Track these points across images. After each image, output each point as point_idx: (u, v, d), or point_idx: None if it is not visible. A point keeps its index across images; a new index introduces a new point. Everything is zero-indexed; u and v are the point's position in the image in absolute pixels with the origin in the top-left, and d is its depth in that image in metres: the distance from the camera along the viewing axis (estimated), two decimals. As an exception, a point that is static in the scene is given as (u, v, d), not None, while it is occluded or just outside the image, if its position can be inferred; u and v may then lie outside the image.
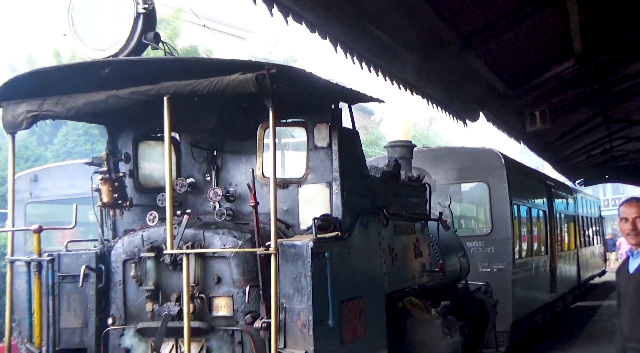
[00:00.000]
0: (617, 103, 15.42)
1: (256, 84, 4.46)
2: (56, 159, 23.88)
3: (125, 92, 4.81)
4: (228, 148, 5.95)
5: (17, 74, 5.30)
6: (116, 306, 5.41)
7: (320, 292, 4.70)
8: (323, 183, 5.41)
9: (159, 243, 5.17)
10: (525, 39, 9.67)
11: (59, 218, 11.98)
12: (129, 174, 5.94)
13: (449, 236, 8.78)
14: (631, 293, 4.60)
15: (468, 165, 11.61)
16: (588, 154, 21.85)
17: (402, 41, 7.90)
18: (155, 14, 5.15)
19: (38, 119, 5.23)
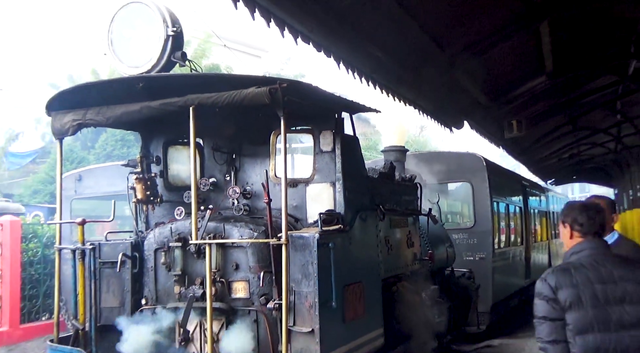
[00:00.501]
0: (583, 113, 15.40)
1: (269, 96, 4.48)
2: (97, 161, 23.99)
3: (156, 103, 4.83)
4: (245, 152, 5.97)
5: (63, 88, 5.32)
6: (148, 289, 5.45)
7: (325, 277, 4.71)
8: (327, 182, 5.41)
9: (185, 234, 5.19)
10: (504, 57, 9.66)
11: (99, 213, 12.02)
12: (160, 174, 5.97)
13: (437, 229, 8.78)
14: None
15: (454, 167, 11.60)
16: (558, 157, 21.82)
17: (397, 59, 7.89)
18: (182, 36, 5.17)
19: (82, 127, 5.27)
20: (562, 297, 3.12)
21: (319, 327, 4.62)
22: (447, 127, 11.72)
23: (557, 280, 3.17)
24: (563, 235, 3.51)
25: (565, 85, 12.55)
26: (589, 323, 3.05)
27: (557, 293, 3.13)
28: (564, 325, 3.12)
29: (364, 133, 34.34)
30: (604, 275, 3.13)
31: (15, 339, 12.79)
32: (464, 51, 8.76)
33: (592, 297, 3.08)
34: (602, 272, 3.14)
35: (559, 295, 3.13)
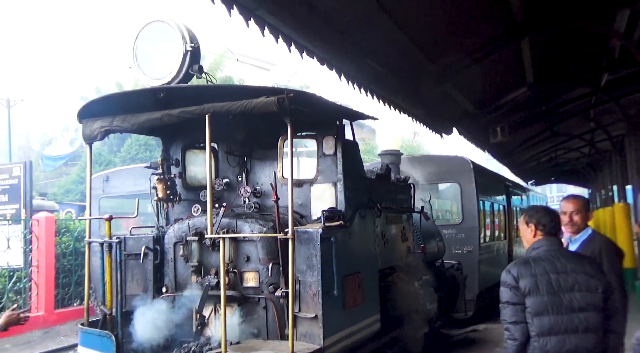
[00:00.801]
0: (561, 121, 15.37)
1: (277, 105, 4.48)
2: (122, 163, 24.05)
3: (176, 111, 4.84)
4: (255, 155, 5.97)
5: (93, 98, 5.33)
6: (168, 278, 5.46)
7: (327, 268, 4.71)
8: (330, 183, 5.41)
9: (202, 229, 5.19)
10: (489, 70, 9.64)
11: (125, 210, 12.02)
12: (179, 175, 5.98)
13: (429, 225, 8.76)
14: None
15: (444, 169, 11.59)
16: (538, 160, 21.79)
17: (393, 72, 7.90)
18: (199, 51, 5.18)
19: (109, 133, 5.28)
20: (522, 285, 3.30)
21: (322, 313, 4.62)
22: (438, 133, 11.72)
23: (519, 271, 3.35)
24: (526, 233, 3.65)
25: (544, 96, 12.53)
26: (545, 307, 3.25)
27: (519, 282, 3.31)
28: (524, 308, 3.30)
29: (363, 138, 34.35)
30: (558, 267, 3.33)
31: (50, 323, 12.82)
32: (453, 64, 8.75)
33: (547, 285, 3.28)
34: (556, 265, 3.34)
35: (520, 284, 3.30)
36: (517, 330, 3.32)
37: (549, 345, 3.23)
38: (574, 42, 9.88)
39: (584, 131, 17.02)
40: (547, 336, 3.24)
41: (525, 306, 3.30)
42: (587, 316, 3.26)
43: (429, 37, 7.82)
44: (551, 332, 3.24)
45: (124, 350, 5.03)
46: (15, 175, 13.43)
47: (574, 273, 3.33)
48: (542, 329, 3.25)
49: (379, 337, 5.76)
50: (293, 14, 5.54)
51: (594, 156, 20.66)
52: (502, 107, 11.97)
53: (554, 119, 15.03)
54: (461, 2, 7.29)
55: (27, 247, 12.88)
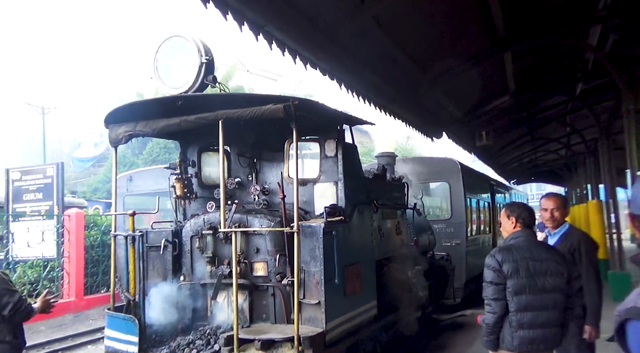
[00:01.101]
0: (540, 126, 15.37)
1: (284, 111, 4.46)
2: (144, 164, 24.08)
3: (192, 117, 4.82)
4: (264, 157, 5.96)
5: (118, 106, 5.32)
6: (186, 267, 5.44)
7: (329, 259, 4.69)
8: (331, 182, 5.39)
9: (216, 224, 5.18)
10: (475, 80, 9.63)
11: (146, 206, 12.04)
12: (195, 175, 5.97)
13: (421, 220, 8.74)
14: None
15: (435, 169, 11.56)
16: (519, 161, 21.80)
17: (388, 82, 7.89)
18: (213, 63, 5.17)
19: (132, 137, 5.26)
20: (505, 268, 3.59)
21: (324, 299, 4.60)
22: (429, 136, 11.71)
23: (503, 256, 3.63)
24: (507, 224, 3.89)
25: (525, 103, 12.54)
26: (523, 288, 3.56)
27: (502, 266, 3.60)
28: (504, 288, 3.59)
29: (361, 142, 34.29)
30: (535, 255, 3.64)
31: (80, 308, 12.86)
32: (443, 75, 8.75)
33: (526, 269, 3.58)
34: (533, 253, 3.65)
35: (503, 267, 3.60)
36: (497, 306, 3.62)
37: (525, 318, 3.55)
38: (552, 55, 9.89)
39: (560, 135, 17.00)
40: (523, 311, 3.55)
41: (506, 286, 3.58)
42: (555, 296, 3.59)
43: (421, 50, 7.81)
44: (527, 308, 3.55)
45: (145, 332, 5.03)
46: (49, 175, 13.47)
47: (547, 261, 3.63)
48: (519, 306, 3.55)
49: (376, 321, 5.74)
50: (298, 29, 5.53)
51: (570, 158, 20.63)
52: (487, 113, 11.97)
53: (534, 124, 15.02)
54: (450, 18, 7.28)
55: (59, 239, 12.91)
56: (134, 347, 4.83)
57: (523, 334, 3.55)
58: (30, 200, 13.43)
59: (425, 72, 8.51)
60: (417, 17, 6.88)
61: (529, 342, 3.55)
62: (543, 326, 3.55)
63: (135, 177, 12.40)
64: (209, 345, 4.71)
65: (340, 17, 5.89)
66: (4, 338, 3.99)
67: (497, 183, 17.65)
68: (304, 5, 5.44)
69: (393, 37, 6.95)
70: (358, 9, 5.88)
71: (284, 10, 5.23)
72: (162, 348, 4.87)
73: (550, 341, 3.61)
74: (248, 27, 5.01)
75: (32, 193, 13.46)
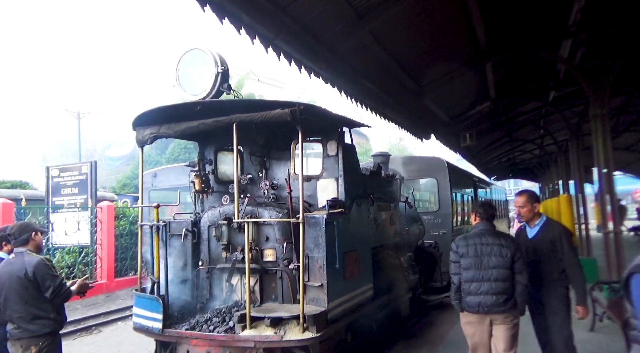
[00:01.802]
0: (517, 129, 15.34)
1: (290, 115, 4.42)
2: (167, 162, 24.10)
3: (209, 121, 4.79)
4: (273, 156, 5.92)
5: (144, 110, 5.28)
6: (204, 254, 5.41)
7: (330, 246, 4.66)
8: (332, 178, 5.36)
9: (230, 215, 5.15)
10: (460, 88, 9.60)
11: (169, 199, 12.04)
12: (212, 172, 5.93)
13: (412, 212, 8.71)
14: (531, 252, 4.54)
15: (424, 167, 11.52)
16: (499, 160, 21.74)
17: (383, 89, 7.86)
18: (228, 72, 5.12)
19: (157, 138, 5.21)
20: (460, 251, 4.30)
21: (326, 282, 4.58)
22: (419, 138, 11.69)
23: (459, 242, 4.36)
24: (472, 219, 4.55)
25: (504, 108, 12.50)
26: (471, 264, 4.22)
27: (458, 249, 4.32)
28: (460, 265, 4.29)
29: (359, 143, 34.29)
30: (483, 240, 4.25)
31: (111, 289, 12.89)
32: (431, 83, 8.73)
33: (474, 251, 4.23)
34: (482, 239, 4.27)
35: (459, 250, 4.31)
36: (455, 278, 4.33)
37: (471, 287, 4.21)
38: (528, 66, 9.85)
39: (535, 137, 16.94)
40: (470, 282, 4.22)
41: (460, 264, 4.27)
42: (497, 271, 4.11)
43: (412, 61, 7.78)
44: (473, 279, 4.21)
45: (169, 310, 5.01)
46: (83, 172, 13.47)
47: (492, 245, 4.20)
48: (467, 278, 4.23)
49: (372, 302, 5.72)
50: (303, 43, 5.51)
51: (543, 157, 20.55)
52: (471, 117, 11.94)
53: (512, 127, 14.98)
54: (437, 33, 7.25)
55: (92, 228, 12.93)
56: (159, 323, 4.82)
57: (470, 299, 4.22)
58: (67, 194, 13.45)
59: (416, 80, 8.48)
60: (409, 32, 6.85)
61: (476, 305, 4.20)
62: (485, 294, 4.15)
63: (159, 174, 12.39)
64: (224, 322, 4.69)
65: (340, 32, 5.86)
66: (49, 315, 4.06)
67: (479, 179, 17.60)
68: (308, 21, 5.42)
69: (387, 50, 6.93)
70: (357, 24, 5.85)
71: (291, 26, 5.21)
72: (183, 324, 4.85)
73: (492, 305, 4.12)
74: (259, 40, 4.99)
75: (69, 188, 13.48)
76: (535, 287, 4.44)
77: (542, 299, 4.55)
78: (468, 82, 9.40)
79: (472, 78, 9.24)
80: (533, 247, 4.57)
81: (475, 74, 9.05)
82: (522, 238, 4.71)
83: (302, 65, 5.72)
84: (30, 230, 4.26)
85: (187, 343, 4.69)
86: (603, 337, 5.92)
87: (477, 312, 4.21)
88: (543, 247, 4.51)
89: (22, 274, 3.96)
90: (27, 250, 4.14)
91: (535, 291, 4.48)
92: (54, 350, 4.10)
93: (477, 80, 9.57)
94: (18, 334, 3.99)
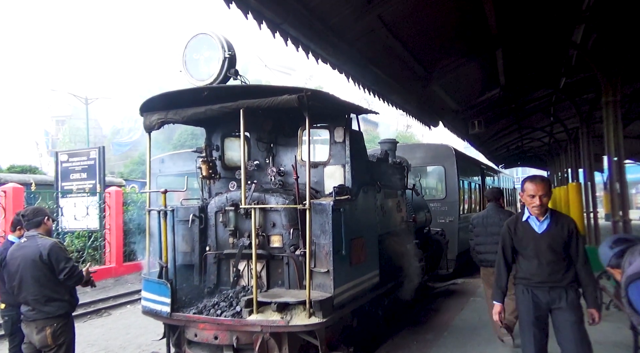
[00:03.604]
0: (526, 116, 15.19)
1: (298, 101, 4.39)
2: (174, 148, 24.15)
3: (216, 106, 4.77)
4: (280, 142, 5.91)
5: (152, 96, 5.26)
6: (211, 239, 5.44)
7: (337, 233, 4.67)
8: (339, 165, 5.35)
9: (237, 201, 5.16)
10: (469, 74, 9.49)
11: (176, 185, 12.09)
12: (219, 158, 5.93)
13: (419, 199, 8.70)
14: (544, 249, 3.75)
15: (431, 154, 11.46)
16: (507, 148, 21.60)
17: (391, 75, 7.79)
18: (235, 57, 5.09)
19: (164, 123, 5.20)
20: (473, 222, 6.18)
21: (333, 268, 4.59)
22: (427, 125, 11.60)
23: (473, 218, 6.29)
24: (485, 201, 6.24)
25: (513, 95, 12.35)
26: (480, 232, 6.03)
27: (472, 221, 6.21)
28: (474, 234, 6.11)
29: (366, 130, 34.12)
30: (488, 215, 6.04)
31: (120, 273, 13.06)
32: (440, 70, 8.63)
33: (482, 223, 6.03)
34: (488, 214, 6.05)
35: (472, 222, 6.20)
36: (471, 242, 6.19)
37: (479, 248, 6.01)
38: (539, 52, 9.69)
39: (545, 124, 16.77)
40: (479, 245, 6.02)
41: (474, 232, 6.09)
42: (496, 237, 4.64)
43: (421, 47, 7.68)
44: (479, 242, 6.01)
45: (176, 294, 5.07)
46: (92, 157, 13.57)
47: (494, 217, 5.94)
48: (477, 241, 6.06)
49: (378, 288, 5.74)
50: (311, 28, 5.45)
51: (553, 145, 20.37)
52: (479, 104, 11.82)
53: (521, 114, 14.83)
54: (448, 18, 7.13)
55: (101, 213, 13.07)
56: (167, 307, 4.87)
57: (480, 257, 6.02)
58: (76, 179, 13.57)
59: (425, 67, 8.38)
60: (418, 16, 6.74)
61: (483, 260, 5.97)
62: (488, 252, 5.75)
63: (167, 159, 12.43)
64: (232, 307, 4.73)
65: (349, 16, 5.79)
66: (64, 297, 4.16)
67: (487, 167, 17.51)
68: (316, 5, 5.35)
69: (396, 35, 6.83)
70: (365, 9, 5.77)
71: (298, 10, 5.15)
72: (190, 308, 4.90)
73: (494, 261, 4.61)
74: (266, 25, 4.94)
75: (77, 173, 13.59)
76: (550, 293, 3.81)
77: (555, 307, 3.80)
78: (477, 69, 9.29)
79: (481, 65, 9.13)
80: (547, 244, 3.77)
81: (485, 60, 8.93)
82: (525, 234, 3.87)
83: (310, 51, 5.67)
84: (43, 214, 4.32)
85: (194, 327, 4.74)
86: (609, 325, 5.92)
87: (485, 266, 5.93)
88: (557, 244, 3.76)
89: (37, 257, 4.03)
90: (38, 234, 4.20)
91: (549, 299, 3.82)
92: (67, 331, 4.18)
93: (486, 67, 9.45)
94: (33, 316, 4.07)
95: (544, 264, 3.79)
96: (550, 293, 3.78)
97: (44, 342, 4.06)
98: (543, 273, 3.79)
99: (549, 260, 3.78)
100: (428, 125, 11.56)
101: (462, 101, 11.32)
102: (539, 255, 3.80)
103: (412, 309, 7.69)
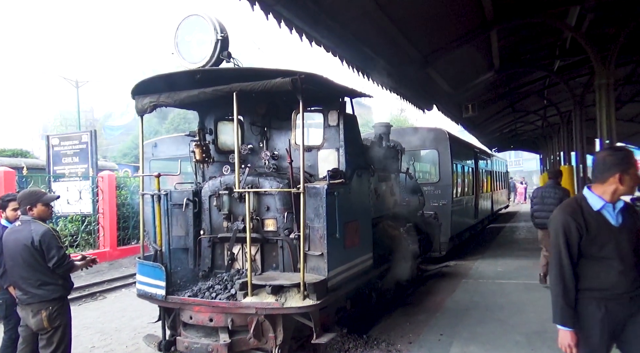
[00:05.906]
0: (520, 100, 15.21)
1: (291, 84, 4.35)
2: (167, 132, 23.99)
3: (209, 89, 4.72)
4: (274, 125, 5.87)
5: (143, 78, 5.19)
6: (205, 223, 5.43)
7: (331, 216, 4.68)
8: (333, 148, 5.34)
9: (231, 185, 5.16)
10: (463, 57, 9.45)
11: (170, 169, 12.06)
12: (212, 142, 5.90)
13: (413, 183, 8.72)
14: (627, 249, 2.75)
15: (425, 138, 11.44)
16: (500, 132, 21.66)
17: (386, 59, 7.75)
18: (228, 39, 5.01)
19: (157, 107, 5.13)
20: (533, 195, 7.87)
21: (327, 251, 4.62)
22: (421, 109, 11.59)
23: (534, 190, 8.00)
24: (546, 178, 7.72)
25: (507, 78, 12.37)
26: (537, 201, 7.68)
27: (533, 194, 7.87)
28: (534, 203, 7.76)
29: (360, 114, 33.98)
30: (546, 190, 7.67)
31: (114, 257, 13.07)
32: (434, 53, 8.59)
33: (540, 196, 7.67)
34: (546, 188, 7.67)
35: (533, 194, 7.88)
36: (531, 210, 7.90)
37: (536, 213, 7.69)
38: (533, 34, 9.67)
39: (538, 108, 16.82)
40: (537, 211, 7.67)
41: (533, 202, 7.75)
42: (551, 207, 6.67)
43: (415, 29, 7.62)
44: (537, 210, 7.65)
45: (171, 278, 5.09)
46: (84, 141, 13.45)
47: (550, 191, 7.55)
48: (535, 208, 7.70)
49: (372, 271, 5.79)
50: (304, 9, 5.39)
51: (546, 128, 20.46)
52: (473, 88, 11.81)
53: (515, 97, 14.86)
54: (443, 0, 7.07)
55: (94, 198, 13.01)
56: (162, 291, 4.90)
57: (537, 220, 7.69)
58: (68, 163, 13.47)
59: (419, 50, 8.34)
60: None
61: (539, 223, 7.59)
62: (544, 218, 7.22)
63: (160, 143, 12.34)
64: (226, 290, 4.77)
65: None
66: (57, 282, 4.18)
67: (481, 150, 17.56)
68: (310, -14, 5.28)
69: (391, 17, 6.77)
70: (359, -10, 5.71)
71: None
72: (185, 291, 4.93)
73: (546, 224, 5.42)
74: (259, 6, 4.87)
75: (69, 157, 13.49)
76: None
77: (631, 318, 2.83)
78: (472, 52, 9.25)
79: (476, 47, 9.10)
80: (627, 241, 2.77)
81: (480, 43, 8.90)
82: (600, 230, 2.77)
83: (303, 33, 5.62)
84: (36, 199, 4.27)
85: (190, 310, 4.78)
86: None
87: (541, 228, 7.60)
88: (633, 240, 2.80)
89: (28, 242, 4.03)
90: (32, 219, 4.19)
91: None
92: (63, 314, 4.20)
93: (481, 50, 9.43)
94: (27, 299, 4.09)
95: (627, 269, 2.75)
96: (631, 305, 2.77)
97: (40, 325, 4.09)
98: (626, 281, 2.75)
99: (632, 263, 2.76)
100: (422, 109, 11.56)
101: (457, 84, 11.31)
102: (622, 257, 2.75)
103: (405, 291, 7.79)
